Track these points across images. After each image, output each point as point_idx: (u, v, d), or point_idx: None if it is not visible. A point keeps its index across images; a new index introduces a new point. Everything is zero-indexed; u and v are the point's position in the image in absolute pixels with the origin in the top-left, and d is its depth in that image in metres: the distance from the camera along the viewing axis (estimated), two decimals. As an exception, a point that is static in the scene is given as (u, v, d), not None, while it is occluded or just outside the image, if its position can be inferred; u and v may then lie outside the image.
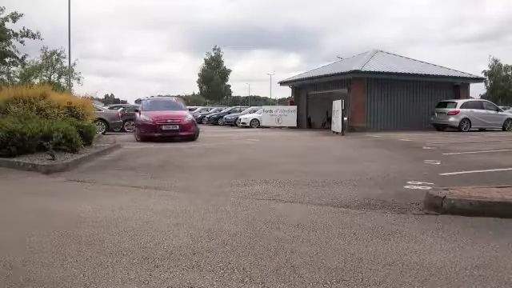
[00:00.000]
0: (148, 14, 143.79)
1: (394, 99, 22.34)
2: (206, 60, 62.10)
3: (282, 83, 29.49)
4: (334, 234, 3.75)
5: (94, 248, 3.38)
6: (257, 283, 2.70)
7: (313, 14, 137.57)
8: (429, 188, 5.41)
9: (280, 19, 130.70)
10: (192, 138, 14.61)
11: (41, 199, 5.44)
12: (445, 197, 4.54)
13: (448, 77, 23.36)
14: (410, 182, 6.20)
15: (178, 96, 34.28)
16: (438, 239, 3.64)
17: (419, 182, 6.19)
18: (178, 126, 14.30)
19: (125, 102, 58.39)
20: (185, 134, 14.39)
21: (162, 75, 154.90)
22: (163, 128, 14.09)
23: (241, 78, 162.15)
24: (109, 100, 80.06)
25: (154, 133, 14.05)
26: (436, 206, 4.55)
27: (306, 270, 2.92)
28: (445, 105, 21.42)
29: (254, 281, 2.74)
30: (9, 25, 18.30)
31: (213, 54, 61.99)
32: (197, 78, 62.67)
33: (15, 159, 8.07)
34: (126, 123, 21.11)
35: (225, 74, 63.10)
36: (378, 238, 3.68)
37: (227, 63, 65.04)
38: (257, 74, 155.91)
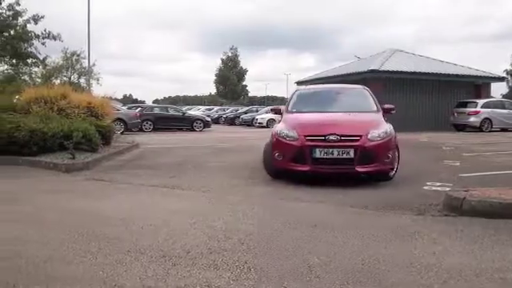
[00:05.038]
0: (165, 14, 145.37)
1: (413, 99, 22.01)
2: (222, 60, 62.26)
3: (299, 83, 29.29)
4: (351, 235, 3.73)
5: (112, 246, 3.42)
6: (273, 283, 2.70)
7: (328, 14, 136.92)
8: (448, 189, 5.33)
9: (295, 19, 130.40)
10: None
11: (61, 197, 5.54)
12: (464, 198, 4.46)
13: (468, 76, 22.93)
14: (428, 183, 6.11)
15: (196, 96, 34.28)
16: (457, 241, 3.59)
17: (438, 183, 6.10)
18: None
19: (143, 102, 59.01)
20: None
21: (179, 75, 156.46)
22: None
23: (256, 78, 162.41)
24: (127, 100, 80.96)
25: None
26: (455, 208, 4.48)
27: (322, 270, 2.91)
28: (465, 105, 21.04)
29: (270, 280, 2.74)
30: (30, 26, 18.67)
31: (230, 54, 62.12)
32: (213, 78, 62.98)
33: (37, 158, 8.23)
34: (143, 123, 21.39)
35: (241, 73, 63.13)
36: (396, 239, 3.64)
37: (243, 63, 64.85)
38: (273, 74, 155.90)
